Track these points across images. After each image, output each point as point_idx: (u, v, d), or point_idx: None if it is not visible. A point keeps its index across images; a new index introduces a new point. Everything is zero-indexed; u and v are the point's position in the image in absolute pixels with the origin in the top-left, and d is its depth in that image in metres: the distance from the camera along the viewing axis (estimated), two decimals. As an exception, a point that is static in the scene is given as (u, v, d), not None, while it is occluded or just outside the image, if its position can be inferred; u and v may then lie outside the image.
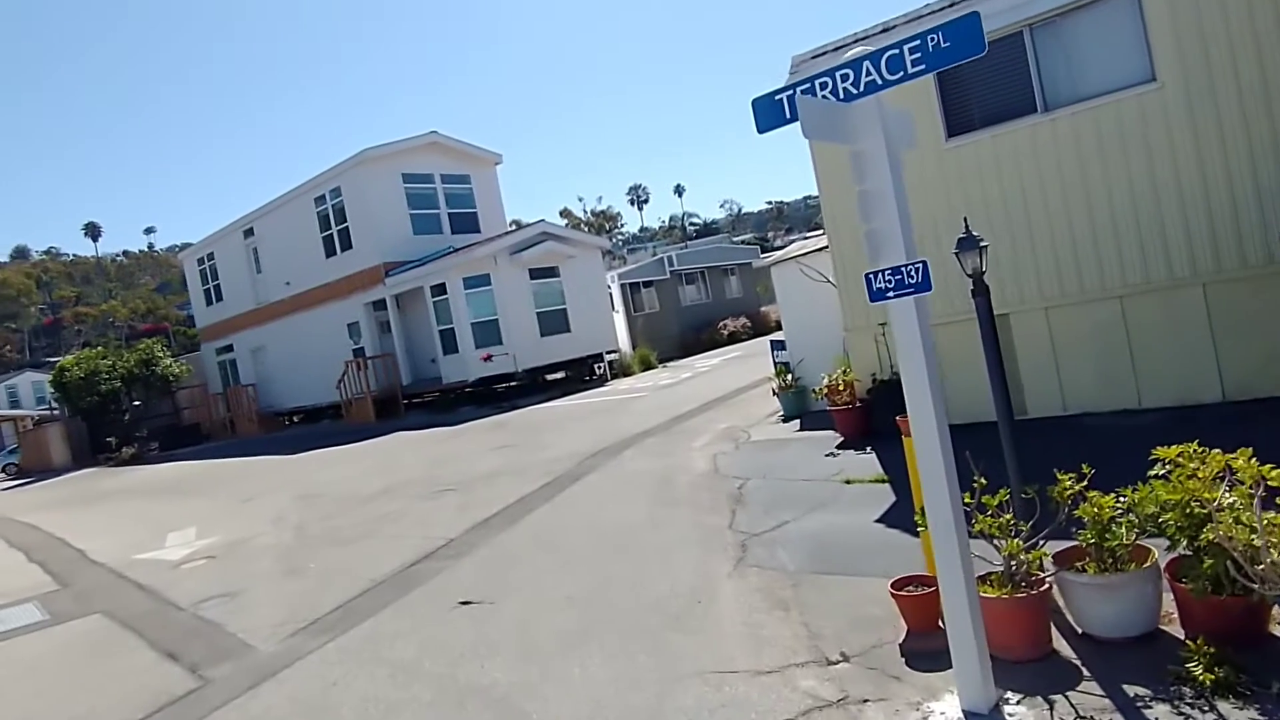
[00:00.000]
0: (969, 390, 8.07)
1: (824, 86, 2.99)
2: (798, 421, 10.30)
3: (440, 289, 21.41)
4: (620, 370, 23.61)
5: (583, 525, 7.36)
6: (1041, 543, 3.67)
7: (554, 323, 22.38)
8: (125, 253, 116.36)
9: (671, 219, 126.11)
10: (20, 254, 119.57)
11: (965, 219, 4.67)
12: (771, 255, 11.15)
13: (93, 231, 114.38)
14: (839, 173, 8.60)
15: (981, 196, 8.02)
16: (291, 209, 25.52)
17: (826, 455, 8.26)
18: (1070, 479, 3.71)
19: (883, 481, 7.00)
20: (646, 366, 24.10)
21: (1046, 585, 3.58)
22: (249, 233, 27.56)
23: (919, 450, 3.18)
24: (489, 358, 20.74)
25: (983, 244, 4.35)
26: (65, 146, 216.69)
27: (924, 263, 2.89)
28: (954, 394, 8.20)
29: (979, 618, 3.21)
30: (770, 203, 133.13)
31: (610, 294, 25.73)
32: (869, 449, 8.15)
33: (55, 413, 32.29)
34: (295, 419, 27.70)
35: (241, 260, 28.20)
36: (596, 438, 12.00)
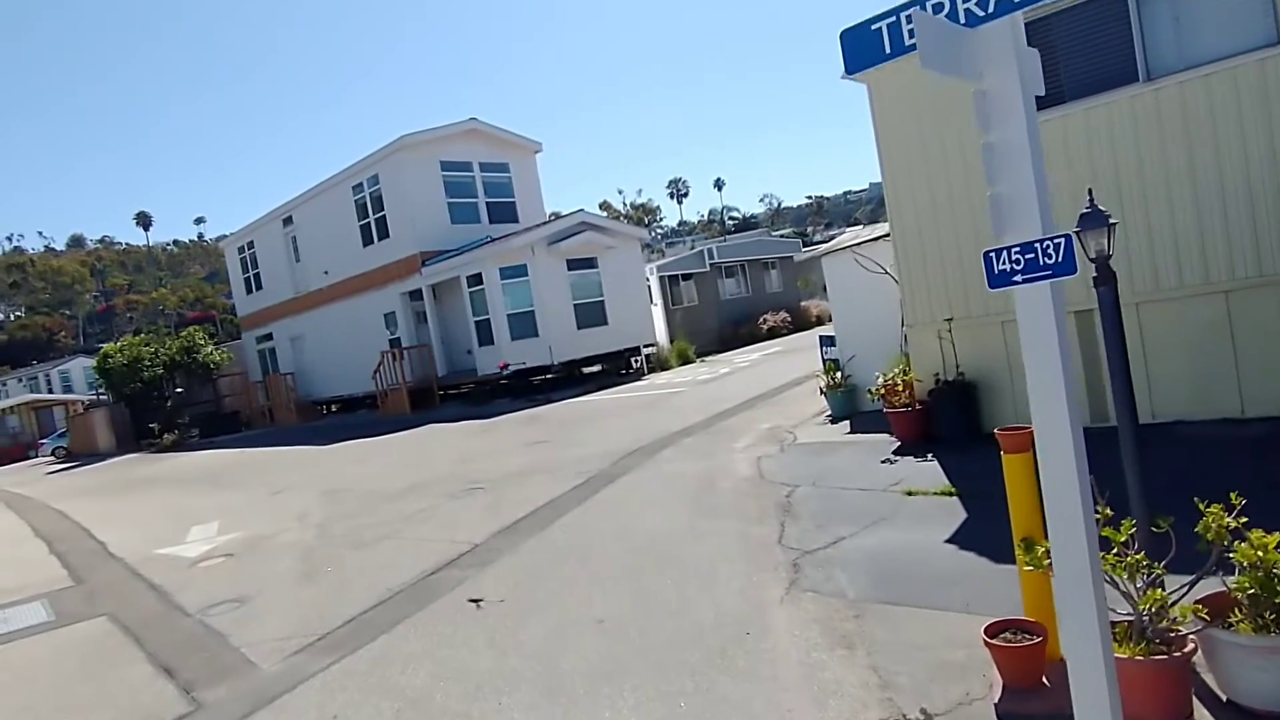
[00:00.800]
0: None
1: (938, 9, 2.32)
2: (847, 423, 9.58)
3: (477, 279, 21.01)
4: (657, 364, 23.00)
5: (617, 533, 6.77)
6: (1186, 589, 2.96)
7: (591, 315, 21.85)
8: (176, 242, 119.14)
9: (711, 213, 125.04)
10: (76, 243, 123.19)
11: (1090, 191, 3.94)
12: (823, 245, 10.40)
13: (144, 221, 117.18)
14: (904, 151, 7.87)
15: (1068, 177, 7.19)
16: (330, 197, 25.36)
17: (883, 461, 7.54)
18: (1218, 510, 2.99)
19: (949, 494, 6.28)
20: (684, 361, 23.46)
21: (1191, 646, 2.88)
22: (288, 221, 27.51)
23: (1048, 472, 2.50)
24: (505, 366, 20.32)
25: (1111, 222, 3.62)
26: (120, 138, 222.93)
27: (1067, 238, 2.21)
28: (1029, 396, 7.44)
29: (1115, 686, 2.53)
30: (810, 197, 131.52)
31: (649, 286, 25.12)
32: (930, 456, 7.41)
33: (103, 398, 32.72)
34: (333, 408, 27.64)
35: (281, 249, 28.19)
36: (633, 435, 11.41)
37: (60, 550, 10.10)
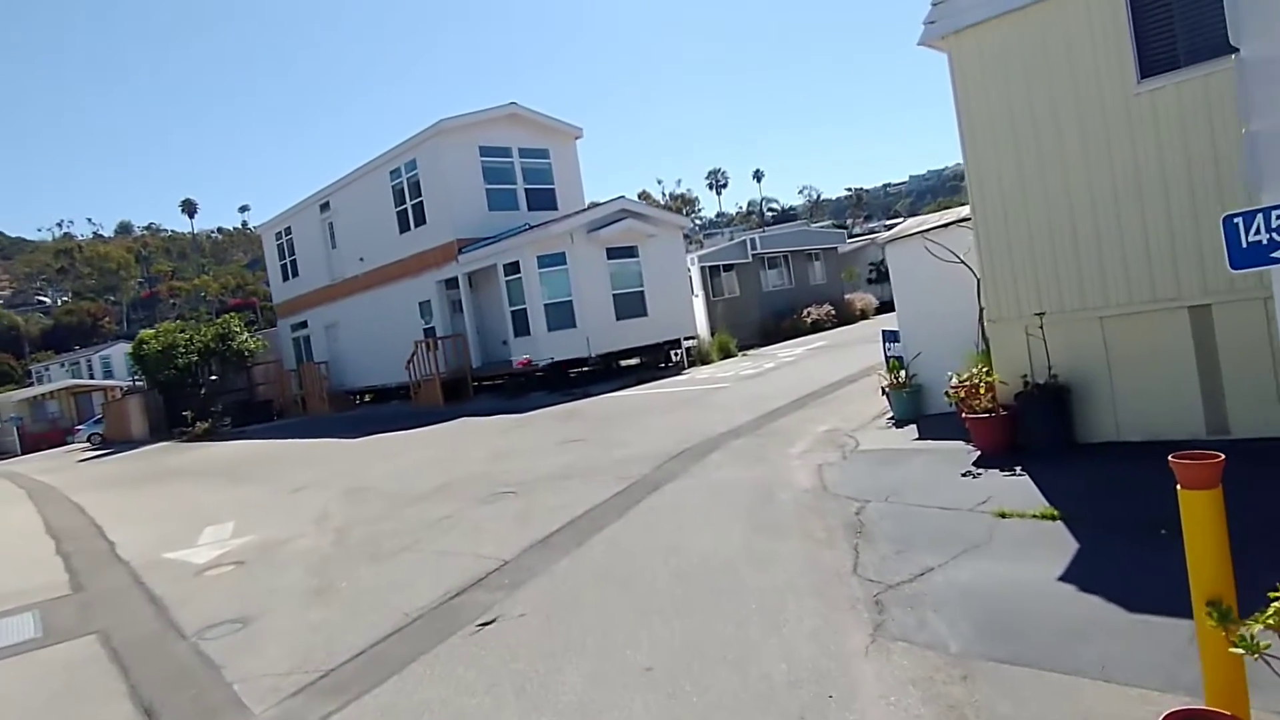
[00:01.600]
0: (1152, 398, 6.34)
1: None
2: (913, 428, 8.64)
3: (514, 267, 20.34)
4: (698, 357, 22.15)
5: (664, 553, 5.96)
6: None
7: (631, 305, 21.06)
8: (220, 229, 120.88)
9: (750, 204, 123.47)
10: (124, 229, 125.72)
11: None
12: (887, 232, 9.44)
13: (189, 208, 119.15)
14: (989, 124, 6.92)
15: (1183, 152, 6.21)
16: (367, 183, 24.88)
17: (964, 475, 6.62)
18: None
19: (1051, 518, 5.36)
20: (726, 354, 22.57)
21: None
22: (325, 207, 27.13)
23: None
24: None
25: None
26: (170, 127, 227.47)
27: None
28: (1131, 402, 6.48)
29: None
30: (850, 189, 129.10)
31: (689, 277, 24.24)
32: (1018, 469, 6.47)
33: (139, 385, 32.84)
34: (366, 398, 27.26)
35: (317, 235, 27.85)
36: (677, 435, 10.60)
37: (67, 550, 9.61)
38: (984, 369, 7.40)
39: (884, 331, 9.93)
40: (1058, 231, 6.56)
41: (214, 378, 28.71)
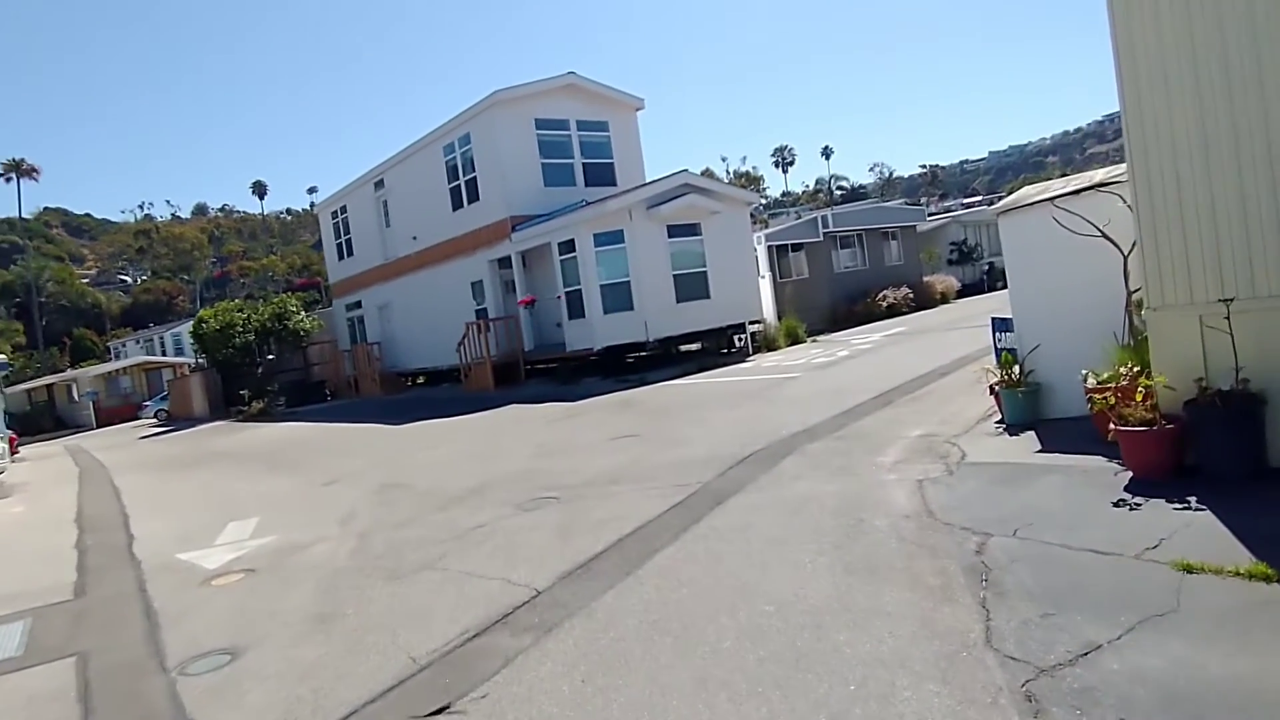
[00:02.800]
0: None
1: None
2: (1031, 436, 7.19)
3: (569, 246, 19.26)
4: (763, 343, 20.77)
5: (730, 595, 4.77)
6: None
7: (692, 287, 19.78)
8: (288, 210, 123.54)
9: (817, 182, 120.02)
10: (200, 211, 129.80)
11: None
12: (1005, 199, 7.96)
13: (259, 190, 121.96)
14: (1160, 65, 5.41)
15: None
16: (420, 159, 24.13)
17: (1116, 505, 5.21)
18: None
19: (1266, 578, 3.95)
20: (793, 340, 21.13)
21: None
22: (379, 184, 26.53)
23: None
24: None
25: None
26: (244, 109, 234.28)
27: None
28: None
29: None
30: (924, 166, 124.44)
31: (755, 257, 22.81)
32: (1193, 501, 5.02)
33: (201, 363, 33.10)
34: (419, 380, 26.72)
35: (371, 214, 27.31)
36: (743, 434, 9.37)
37: (86, 544, 8.97)
38: (1134, 368, 5.94)
39: (994, 319, 8.47)
40: (1252, 197, 5.06)
41: (270, 357, 28.58)
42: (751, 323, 20.91)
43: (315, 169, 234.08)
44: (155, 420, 34.05)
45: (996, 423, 7.87)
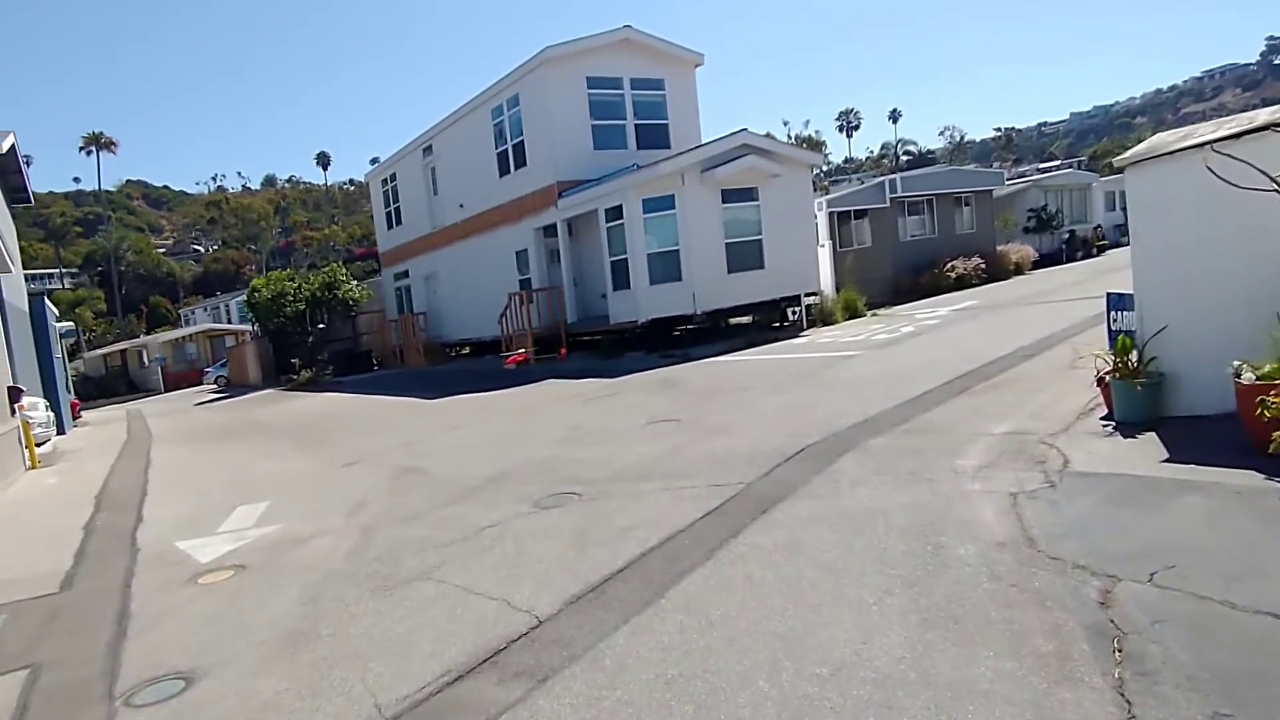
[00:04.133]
0: None
1: None
2: (1153, 438, 5.93)
3: (616, 212, 18.21)
4: (819, 317, 19.45)
5: (771, 647, 3.76)
6: None
7: (746, 256, 18.56)
8: (351, 180, 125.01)
9: (883, 147, 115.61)
10: (269, 182, 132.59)
11: None
12: (1139, 145, 6.59)
13: (323, 161, 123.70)
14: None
15: None
16: (468, 123, 23.29)
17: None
18: None
19: None
20: (852, 314, 19.75)
21: None
22: (427, 151, 25.84)
23: None
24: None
25: None
26: (310, 82, 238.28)
27: None
28: None
29: None
30: (998, 130, 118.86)
31: (816, 224, 21.39)
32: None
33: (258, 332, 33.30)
34: (465, 351, 26.19)
35: (420, 181, 26.68)
36: (794, 424, 8.29)
37: (96, 525, 8.46)
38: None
39: (1109, 295, 7.14)
40: None
41: (321, 326, 28.42)
42: (807, 295, 19.60)
43: (377, 139, 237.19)
44: (215, 386, 34.53)
45: (1103, 420, 6.61)
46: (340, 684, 4.06)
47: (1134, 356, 6.33)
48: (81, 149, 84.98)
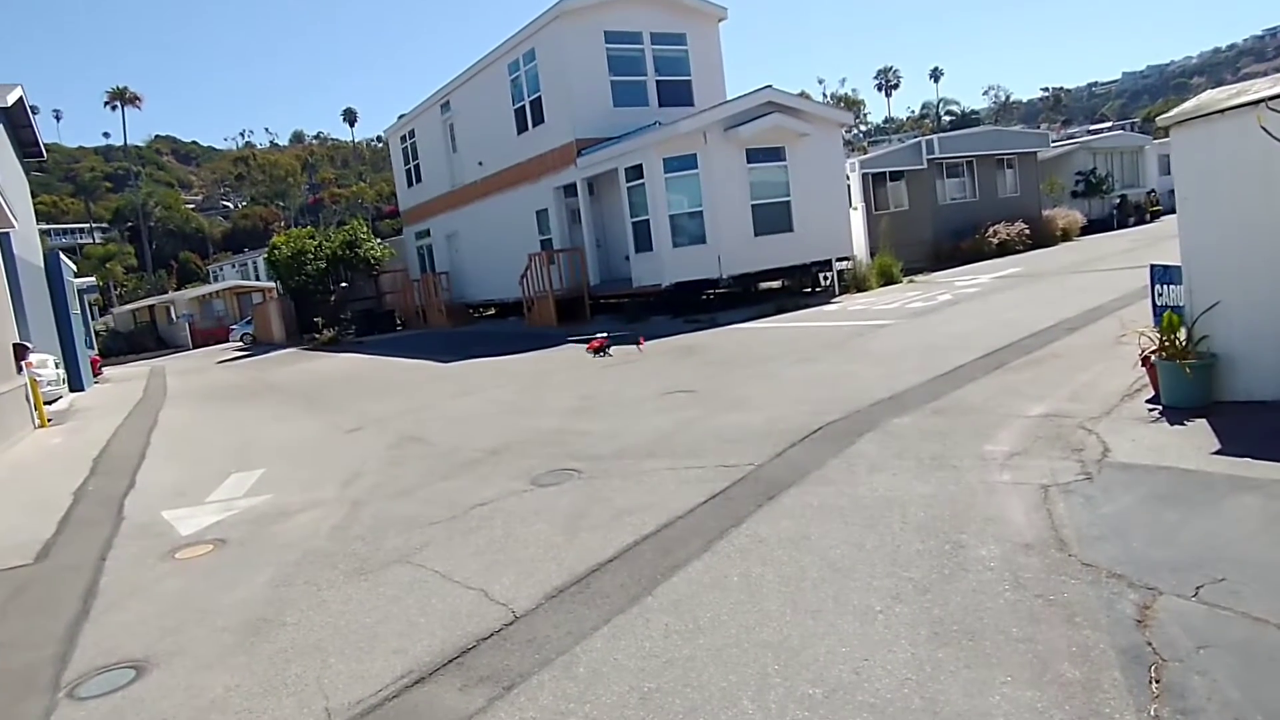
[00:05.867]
0: None
1: None
2: (1203, 425, 5.35)
3: (636, 172, 17.61)
4: (852, 283, 18.76)
5: (762, 659, 3.36)
6: None
7: (773, 219, 17.89)
8: (379, 138, 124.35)
9: (924, 106, 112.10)
10: (297, 138, 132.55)
11: None
12: (1188, 103, 5.89)
13: (350, 117, 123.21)
14: None
15: None
16: (485, 79, 22.68)
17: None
18: None
19: None
20: (887, 280, 19.03)
21: None
22: (445, 107, 25.27)
23: None
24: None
25: None
26: (337, 35, 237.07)
27: None
28: None
29: None
30: (1046, 89, 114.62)
31: (848, 186, 20.57)
32: None
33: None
34: (490, 312, 25.91)
35: (439, 138, 26.17)
36: (815, 398, 7.83)
37: (86, 490, 8.29)
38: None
39: (1153, 267, 6.52)
40: None
41: (344, 285, 28.25)
42: (839, 259, 18.90)
43: (404, 96, 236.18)
44: (241, 344, 34.70)
45: (1149, 403, 6.03)
46: (295, 682, 3.75)
47: (1182, 335, 5.74)
48: (106, 104, 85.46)
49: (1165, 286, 6.25)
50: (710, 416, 7.76)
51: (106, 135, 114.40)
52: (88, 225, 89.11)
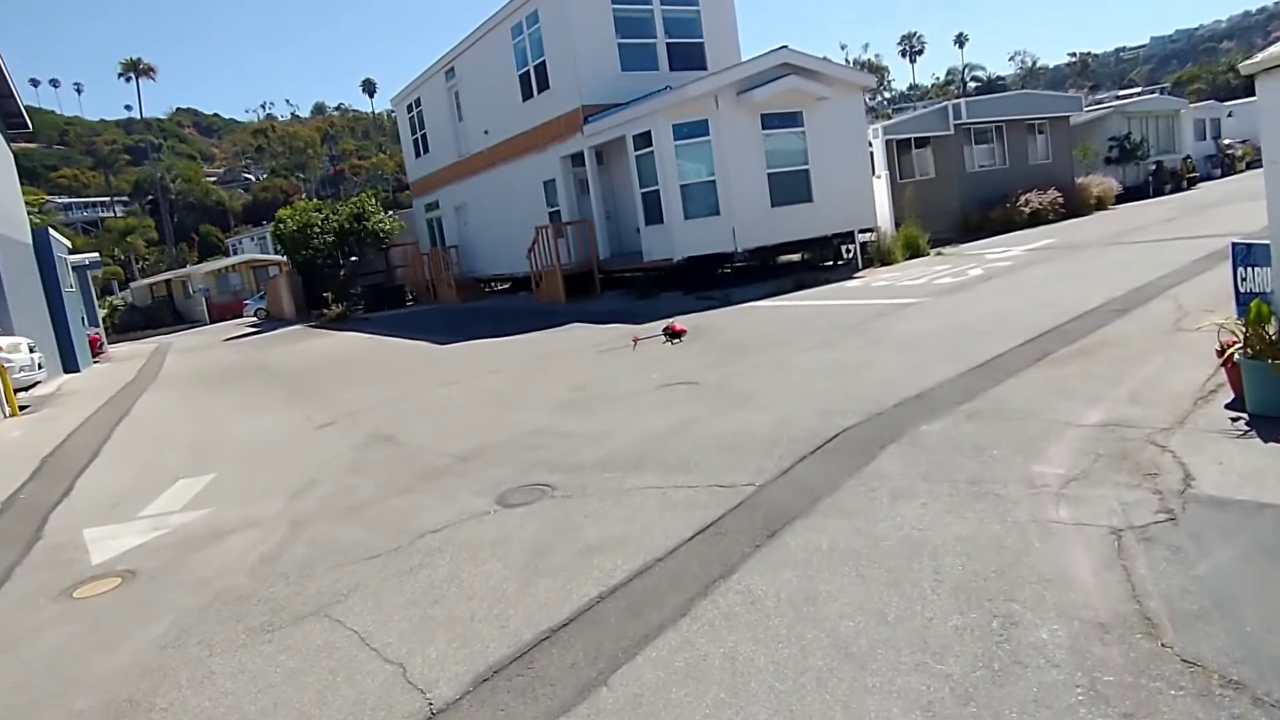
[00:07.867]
0: None
1: None
2: (1304, 438, 4.32)
3: (644, 139, 16.49)
4: (876, 256, 17.57)
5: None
6: None
7: (791, 188, 16.71)
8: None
9: (949, 73, 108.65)
10: (318, 110, 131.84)
11: None
12: (1271, 50, 4.69)
13: (369, 88, 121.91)
14: None
15: None
16: (488, 43, 21.54)
17: None
18: None
19: None
20: (913, 253, 17.80)
21: None
22: (450, 74, 24.17)
23: None
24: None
25: None
26: (354, 4, 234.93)
27: None
28: None
29: None
30: (1073, 55, 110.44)
31: (870, 153, 19.27)
32: None
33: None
34: (502, 286, 25.02)
35: (444, 106, 25.11)
36: (831, 394, 6.84)
37: (17, 499, 7.52)
38: None
39: (1234, 245, 5.40)
40: None
41: (354, 259, 27.45)
42: (862, 231, 17.69)
43: (421, 64, 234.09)
44: (255, 319, 34.16)
45: (1229, 410, 4.97)
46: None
47: (1272, 328, 4.65)
48: (121, 75, 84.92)
49: (1249, 269, 5.14)
50: (710, 416, 6.79)
51: (128, 108, 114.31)
52: (108, 199, 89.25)
